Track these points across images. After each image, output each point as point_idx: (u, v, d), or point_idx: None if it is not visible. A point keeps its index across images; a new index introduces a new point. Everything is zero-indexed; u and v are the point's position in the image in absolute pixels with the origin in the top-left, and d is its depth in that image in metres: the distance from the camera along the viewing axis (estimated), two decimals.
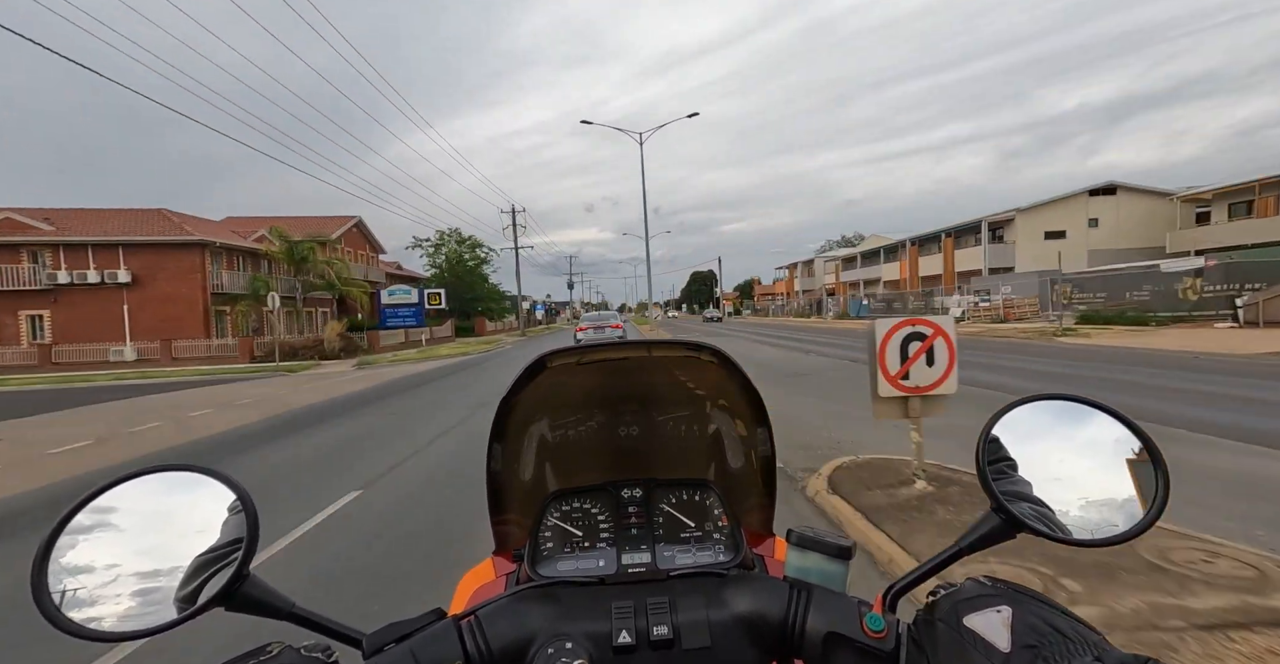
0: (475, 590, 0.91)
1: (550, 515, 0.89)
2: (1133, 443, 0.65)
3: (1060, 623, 0.52)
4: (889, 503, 4.24)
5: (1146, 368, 11.50)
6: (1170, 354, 13.73)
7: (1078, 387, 9.56)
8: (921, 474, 4.54)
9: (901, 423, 4.59)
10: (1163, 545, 3.23)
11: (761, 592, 0.66)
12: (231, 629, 2.06)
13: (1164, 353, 14.04)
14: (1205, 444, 5.75)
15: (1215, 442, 5.82)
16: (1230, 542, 3.33)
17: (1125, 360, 12.87)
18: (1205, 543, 3.30)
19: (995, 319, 30.73)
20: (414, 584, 3.43)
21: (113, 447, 8.65)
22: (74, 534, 0.58)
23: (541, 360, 0.88)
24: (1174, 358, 12.99)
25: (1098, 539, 0.60)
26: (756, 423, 0.94)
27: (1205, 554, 3.16)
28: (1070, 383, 10.24)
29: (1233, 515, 3.91)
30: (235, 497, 0.62)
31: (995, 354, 15.31)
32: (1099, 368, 11.91)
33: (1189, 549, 3.22)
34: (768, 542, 0.99)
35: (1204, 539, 3.36)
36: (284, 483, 6.16)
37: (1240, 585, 2.80)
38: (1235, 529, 3.60)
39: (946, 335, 4.25)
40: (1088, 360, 13.34)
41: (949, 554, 0.64)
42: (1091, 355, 14.38)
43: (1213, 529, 3.52)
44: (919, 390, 4.27)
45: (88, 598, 0.56)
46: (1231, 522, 3.77)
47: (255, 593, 0.59)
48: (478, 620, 0.64)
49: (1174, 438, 5.88)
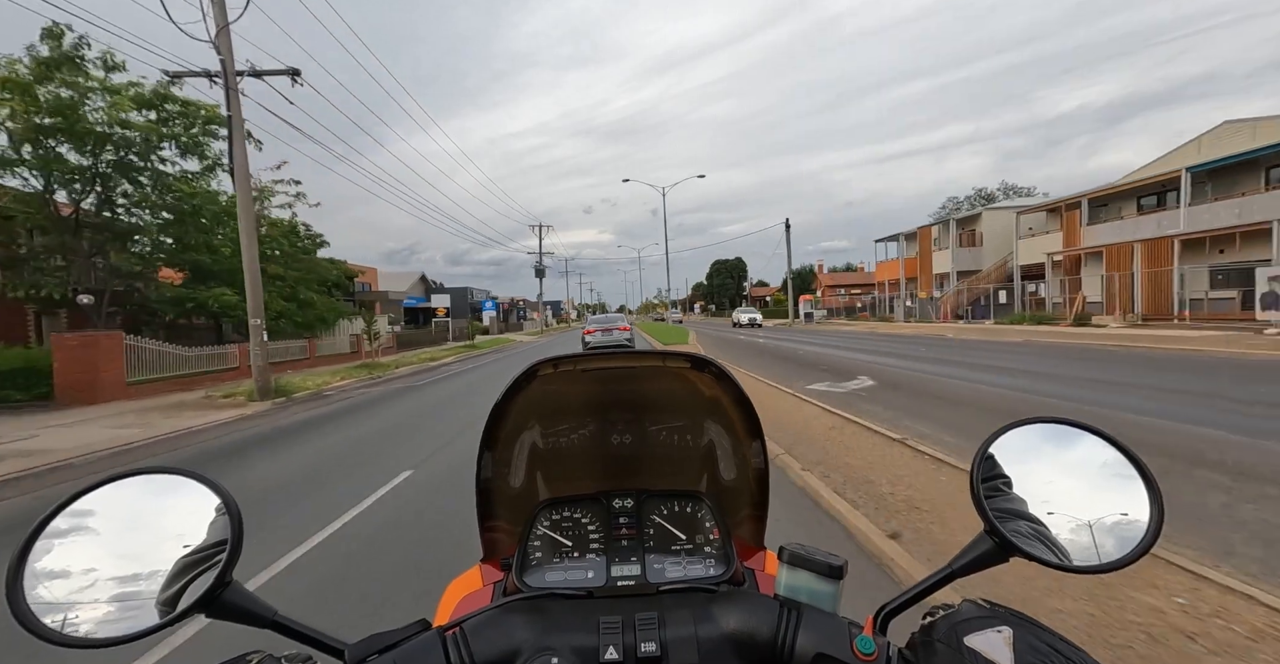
0: (461, 600, 0.90)
1: (540, 524, 0.88)
2: (1126, 467, 0.65)
3: (1059, 645, 0.52)
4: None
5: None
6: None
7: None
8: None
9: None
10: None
11: (751, 610, 0.65)
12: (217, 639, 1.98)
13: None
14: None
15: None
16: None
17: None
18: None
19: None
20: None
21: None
22: (51, 538, 0.57)
23: (534, 368, 0.87)
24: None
25: (1092, 566, 0.60)
26: (750, 435, 0.94)
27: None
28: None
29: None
30: (220, 501, 0.61)
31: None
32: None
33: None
34: (759, 555, 0.98)
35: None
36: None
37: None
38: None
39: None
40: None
41: (940, 577, 0.64)
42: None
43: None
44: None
45: (65, 603, 0.55)
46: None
47: (237, 600, 0.58)
48: (462, 632, 0.63)
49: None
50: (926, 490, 4.34)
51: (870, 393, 9.50)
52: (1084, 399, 7.98)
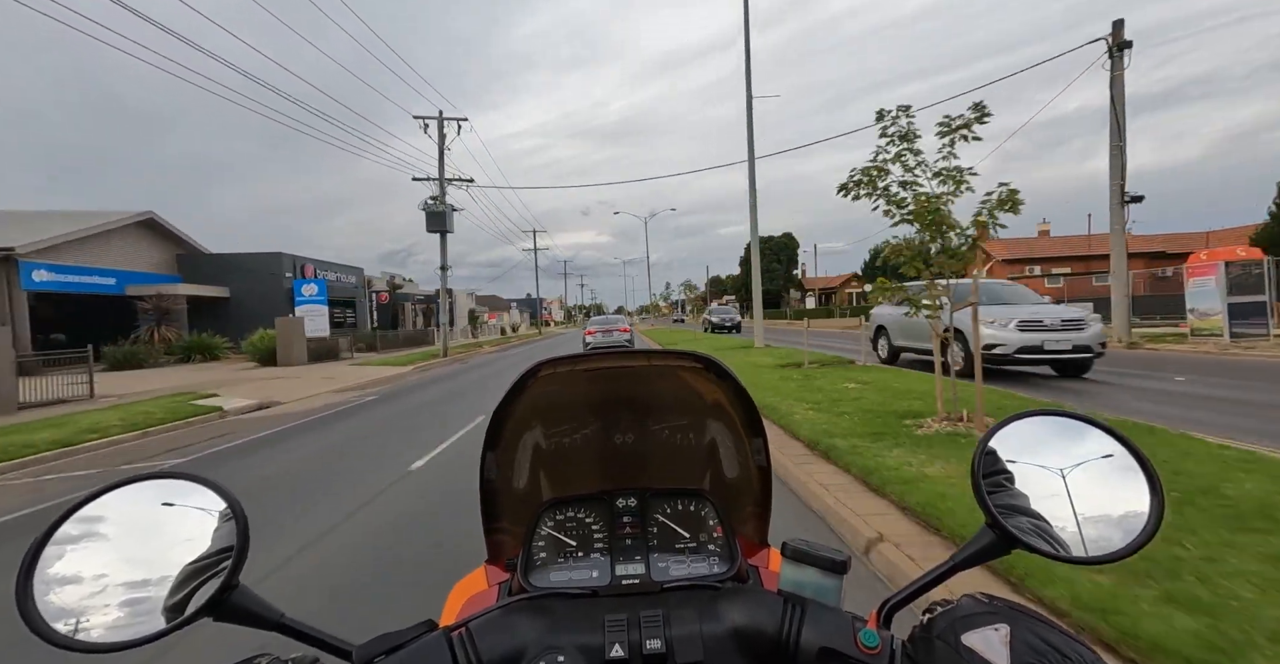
0: (467, 601, 0.90)
1: (544, 524, 0.89)
2: (1128, 459, 0.66)
3: (1058, 641, 0.52)
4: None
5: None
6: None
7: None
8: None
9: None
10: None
11: (755, 605, 0.66)
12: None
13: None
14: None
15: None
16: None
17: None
18: None
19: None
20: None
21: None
22: (61, 544, 0.57)
23: (536, 368, 0.88)
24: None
25: (1094, 557, 0.60)
26: (752, 433, 0.94)
27: None
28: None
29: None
30: (225, 504, 0.62)
31: None
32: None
33: None
34: (762, 552, 0.99)
35: None
36: None
37: None
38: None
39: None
40: None
41: (944, 570, 0.64)
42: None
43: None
44: None
45: (74, 609, 0.55)
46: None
47: (244, 603, 0.59)
48: (469, 632, 0.63)
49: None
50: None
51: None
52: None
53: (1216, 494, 3.54)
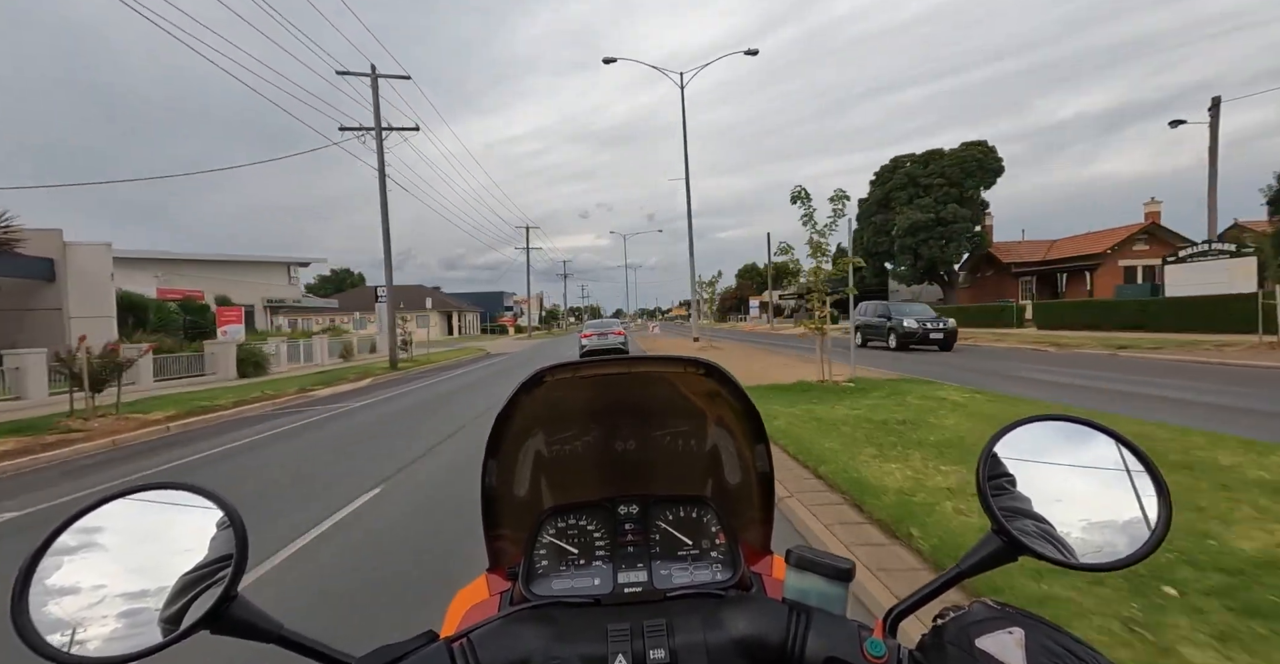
0: (468, 610, 0.89)
1: (545, 532, 0.88)
2: (1135, 464, 0.65)
3: (1071, 646, 0.51)
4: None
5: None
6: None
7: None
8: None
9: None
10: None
11: (760, 614, 0.65)
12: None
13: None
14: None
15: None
16: None
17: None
18: None
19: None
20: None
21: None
22: (58, 555, 0.57)
23: (539, 375, 0.87)
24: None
25: (1101, 563, 0.60)
26: (755, 439, 0.93)
27: None
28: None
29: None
30: (223, 514, 0.61)
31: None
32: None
33: None
34: (765, 559, 0.98)
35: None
36: None
37: None
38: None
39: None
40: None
41: (949, 577, 0.64)
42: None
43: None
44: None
45: (70, 621, 0.54)
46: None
47: (243, 614, 0.58)
48: (470, 643, 0.63)
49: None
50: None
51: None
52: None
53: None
